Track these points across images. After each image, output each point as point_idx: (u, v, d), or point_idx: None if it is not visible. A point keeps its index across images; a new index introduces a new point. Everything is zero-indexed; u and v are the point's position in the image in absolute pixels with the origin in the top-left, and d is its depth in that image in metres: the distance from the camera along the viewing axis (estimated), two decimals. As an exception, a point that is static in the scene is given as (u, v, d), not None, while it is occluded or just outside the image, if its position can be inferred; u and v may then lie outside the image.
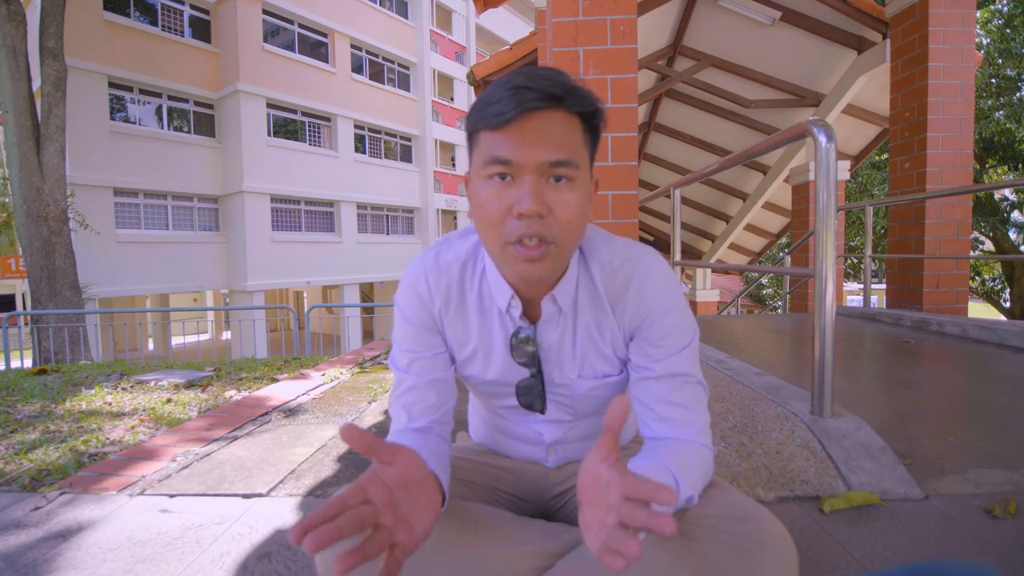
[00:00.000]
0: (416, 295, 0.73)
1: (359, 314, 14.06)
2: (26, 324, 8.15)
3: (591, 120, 0.63)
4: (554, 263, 0.62)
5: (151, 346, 13.03)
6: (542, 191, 0.60)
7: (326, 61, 15.09)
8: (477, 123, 0.62)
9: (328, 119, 15.24)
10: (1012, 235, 11.16)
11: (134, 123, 11.82)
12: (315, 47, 15.05)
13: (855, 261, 12.24)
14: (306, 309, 7.15)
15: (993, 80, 9.26)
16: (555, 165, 0.60)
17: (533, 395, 0.75)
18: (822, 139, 1.35)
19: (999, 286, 12.56)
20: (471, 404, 0.95)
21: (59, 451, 1.67)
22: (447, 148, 20.03)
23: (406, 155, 18.03)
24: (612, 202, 2.12)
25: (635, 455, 0.83)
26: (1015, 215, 11.08)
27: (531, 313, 0.72)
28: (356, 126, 15.96)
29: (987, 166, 10.43)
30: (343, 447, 1.62)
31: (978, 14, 9.04)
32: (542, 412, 0.77)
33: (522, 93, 0.58)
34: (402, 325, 0.75)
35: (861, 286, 8.35)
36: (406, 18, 17.85)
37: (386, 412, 1.92)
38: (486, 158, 0.61)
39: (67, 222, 7.27)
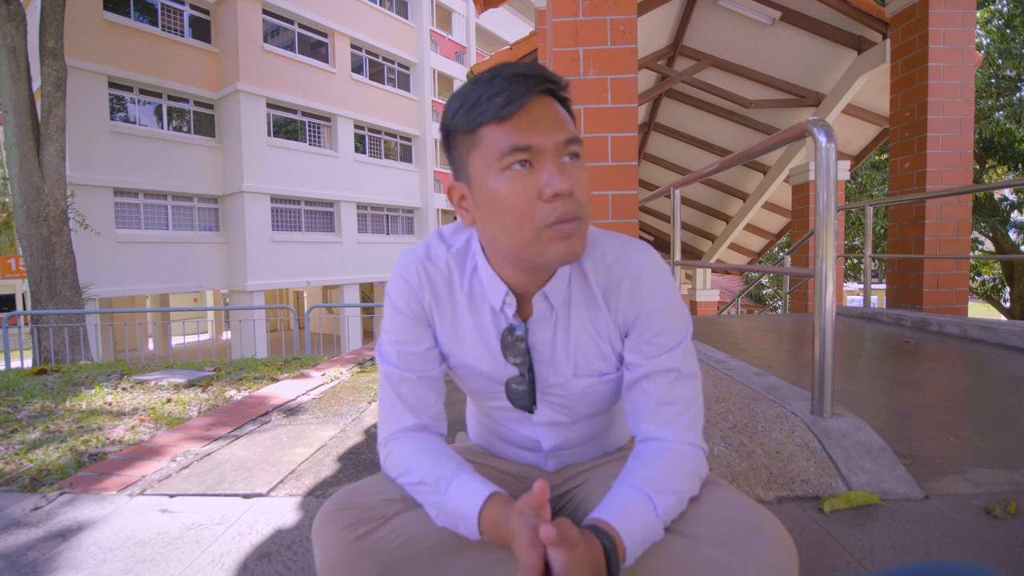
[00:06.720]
0: (407, 286, 0.73)
1: (359, 314, 14.04)
2: (26, 324, 8.15)
3: (567, 105, 0.66)
4: (584, 240, 0.63)
5: (151, 346, 13.02)
6: (564, 171, 0.60)
7: (326, 61, 15.09)
8: (478, 119, 0.60)
9: (328, 119, 15.23)
10: (1012, 235, 11.15)
11: (134, 123, 11.82)
12: (315, 47, 15.05)
13: (855, 261, 12.23)
14: (306, 309, 7.15)
15: (993, 80, 9.26)
16: (570, 143, 0.61)
17: (522, 391, 0.75)
18: (822, 139, 1.35)
19: (999, 285, 12.56)
20: (468, 406, 0.95)
21: (59, 451, 1.67)
22: (447, 148, 20.01)
23: (406, 155, 18.03)
24: (612, 202, 2.12)
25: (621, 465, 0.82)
26: (1015, 215, 11.08)
27: (522, 311, 0.72)
28: (356, 126, 15.95)
29: (987, 166, 10.43)
30: (343, 447, 1.62)
31: (978, 14, 9.04)
32: (530, 411, 0.76)
33: (525, 80, 0.59)
34: (392, 316, 0.75)
35: (861, 286, 8.35)
36: (406, 18, 17.85)
37: (386, 412, 1.92)
38: (502, 149, 0.59)
39: (67, 222, 7.27)
